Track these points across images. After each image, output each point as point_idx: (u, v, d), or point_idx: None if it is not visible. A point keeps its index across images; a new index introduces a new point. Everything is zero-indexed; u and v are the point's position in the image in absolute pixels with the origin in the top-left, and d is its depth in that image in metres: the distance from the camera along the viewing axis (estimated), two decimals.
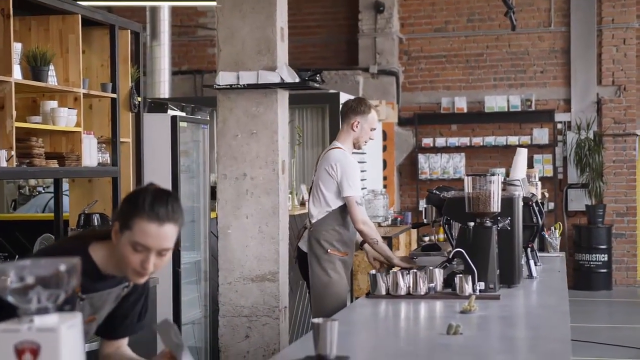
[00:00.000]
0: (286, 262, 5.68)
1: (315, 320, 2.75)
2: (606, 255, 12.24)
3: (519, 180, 5.08)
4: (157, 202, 2.63)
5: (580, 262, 12.28)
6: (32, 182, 8.74)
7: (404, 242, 10.22)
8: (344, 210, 5.22)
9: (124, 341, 3.01)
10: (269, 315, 5.57)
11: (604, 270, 12.25)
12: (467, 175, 4.49)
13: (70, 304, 1.94)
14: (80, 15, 5.24)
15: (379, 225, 10.56)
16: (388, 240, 9.26)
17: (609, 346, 8.52)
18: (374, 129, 5.36)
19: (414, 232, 11.12)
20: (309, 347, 2.80)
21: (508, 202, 4.54)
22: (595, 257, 12.22)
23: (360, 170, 5.25)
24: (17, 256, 5.34)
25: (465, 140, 12.79)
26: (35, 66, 4.88)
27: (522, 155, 5.44)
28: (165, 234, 2.61)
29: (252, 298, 5.57)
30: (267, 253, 5.54)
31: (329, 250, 5.21)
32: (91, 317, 2.79)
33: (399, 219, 10.97)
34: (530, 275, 4.95)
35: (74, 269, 1.83)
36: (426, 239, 11.55)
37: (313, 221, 5.29)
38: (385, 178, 12.33)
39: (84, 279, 2.67)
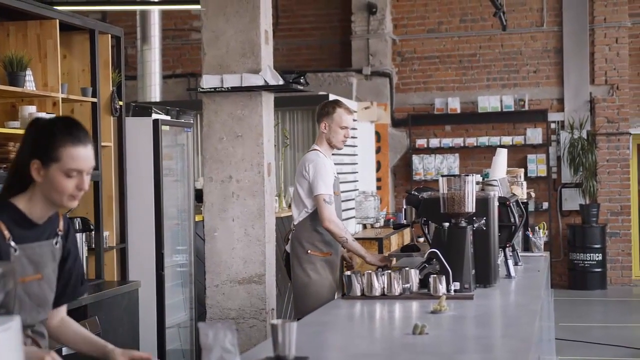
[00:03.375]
0: (273, 264, 5.68)
1: (274, 321, 2.77)
2: (600, 254, 12.22)
3: (496, 180, 5.08)
4: (73, 128, 2.77)
5: (575, 262, 12.26)
6: None
7: (396, 243, 10.21)
8: None
9: (65, 311, 3.05)
10: (256, 317, 5.56)
11: (599, 270, 12.24)
12: (442, 175, 4.50)
13: (4, 268, 1.92)
14: (58, 20, 5.26)
15: (371, 226, 10.57)
16: (379, 241, 9.27)
17: (603, 345, 8.50)
18: (345, 127, 5.34)
19: (407, 233, 11.11)
20: (271, 348, 2.81)
21: (483, 202, 4.54)
22: (590, 256, 12.20)
23: (332, 171, 5.26)
24: None
25: (459, 141, 12.78)
26: (12, 71, 4.90)
27: (501, 155, 5.45)
28: (91, 154, 2.77)
29: (239, 300, 5.57)
30: (254, 255, 5.53)
31: (309, 251, 5.24)
32: (37, 276, 2.81)
33: (391, 220, 10.97)
34: (508, 275, 4.95)
35: (8, 273, 1.83)
36: (421, 240, 11.54)
37: (295, 223, 5.35)
38: (379, 179, 12.33)
39: (15, 229, 2.74)
